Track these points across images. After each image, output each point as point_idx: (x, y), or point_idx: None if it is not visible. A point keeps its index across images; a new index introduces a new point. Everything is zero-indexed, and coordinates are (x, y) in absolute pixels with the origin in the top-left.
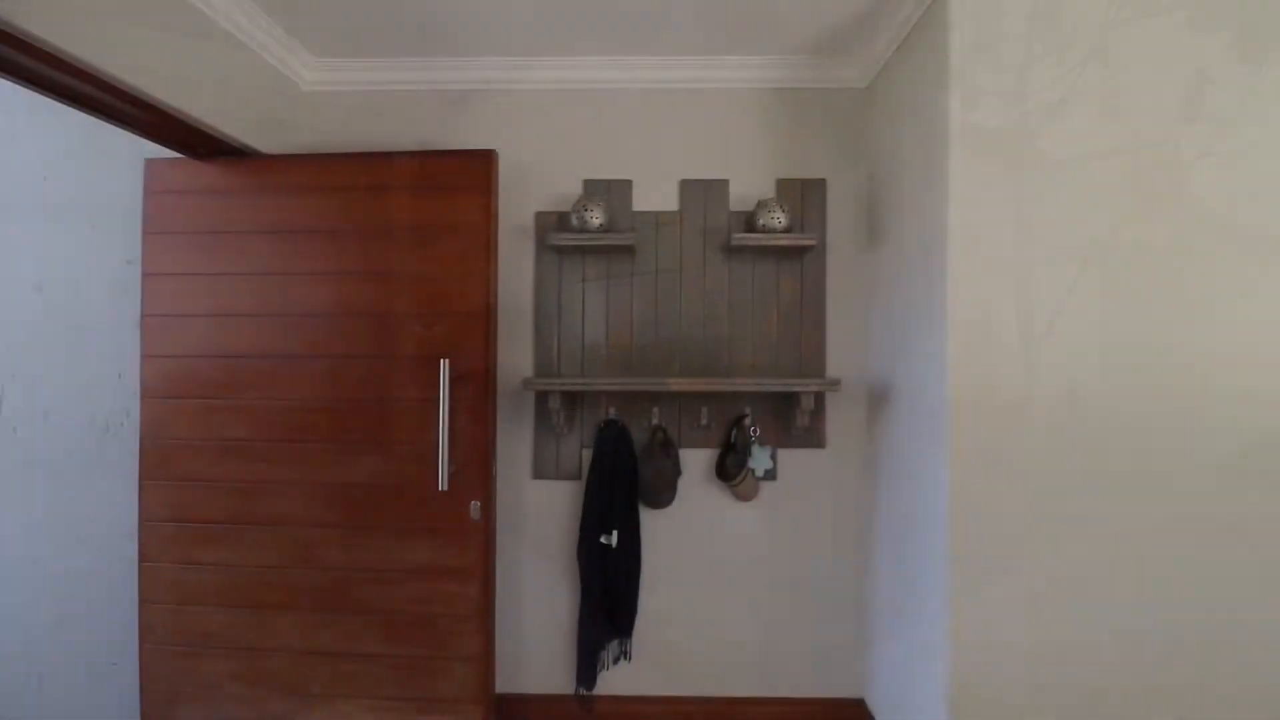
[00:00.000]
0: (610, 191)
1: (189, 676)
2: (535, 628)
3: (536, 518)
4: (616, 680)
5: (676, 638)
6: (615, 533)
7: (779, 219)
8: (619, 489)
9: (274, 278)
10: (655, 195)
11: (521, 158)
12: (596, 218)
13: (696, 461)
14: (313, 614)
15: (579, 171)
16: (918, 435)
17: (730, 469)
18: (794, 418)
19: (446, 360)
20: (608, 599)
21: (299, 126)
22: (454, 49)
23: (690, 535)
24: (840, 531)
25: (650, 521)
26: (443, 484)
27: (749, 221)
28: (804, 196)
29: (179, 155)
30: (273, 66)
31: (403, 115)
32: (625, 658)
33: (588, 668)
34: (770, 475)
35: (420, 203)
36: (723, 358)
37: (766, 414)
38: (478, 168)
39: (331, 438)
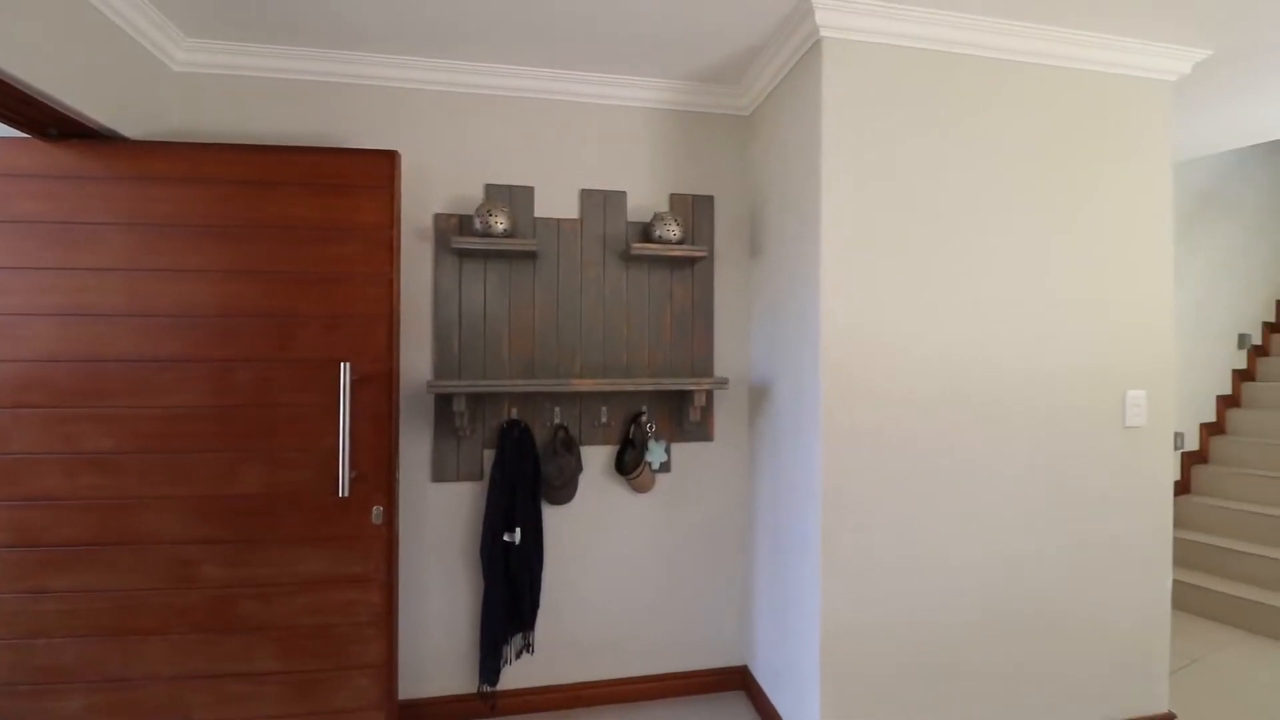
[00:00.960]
0: (512, 197)
1: (38, 717)
2: (436, 631)
3: (437, 520)
4: (519, 674)
5: (577, 626)
6: (519, 530)
7: (674, 231)
8: (522, 487)
9: (143, 275)
10: (556, 202)
11: (421, 158)
12: (501, 222)
13: (596, 457)
14: (191, 636)
15: (480, 175)
16: (795, 426)
17: (628, 463)
18: (687, 414)
19: (347, 364)
20: (511, 595)
21: (169, 111)
22: (349, 42)
23: (591, 527)
24: (726, 515)
25: (552, 517)
26: (343, 490)
27: (646, 232)
28: (695, 210)
29: (22, 135)
30: (136, 41)
31: (291, 106)
32: (528, 650)
33: (491, 664)
34: (665, 468)
35: (317, 201)
36: (621, 359)
37: (661, 411)
38: (380, 168)
39: (215, 447)
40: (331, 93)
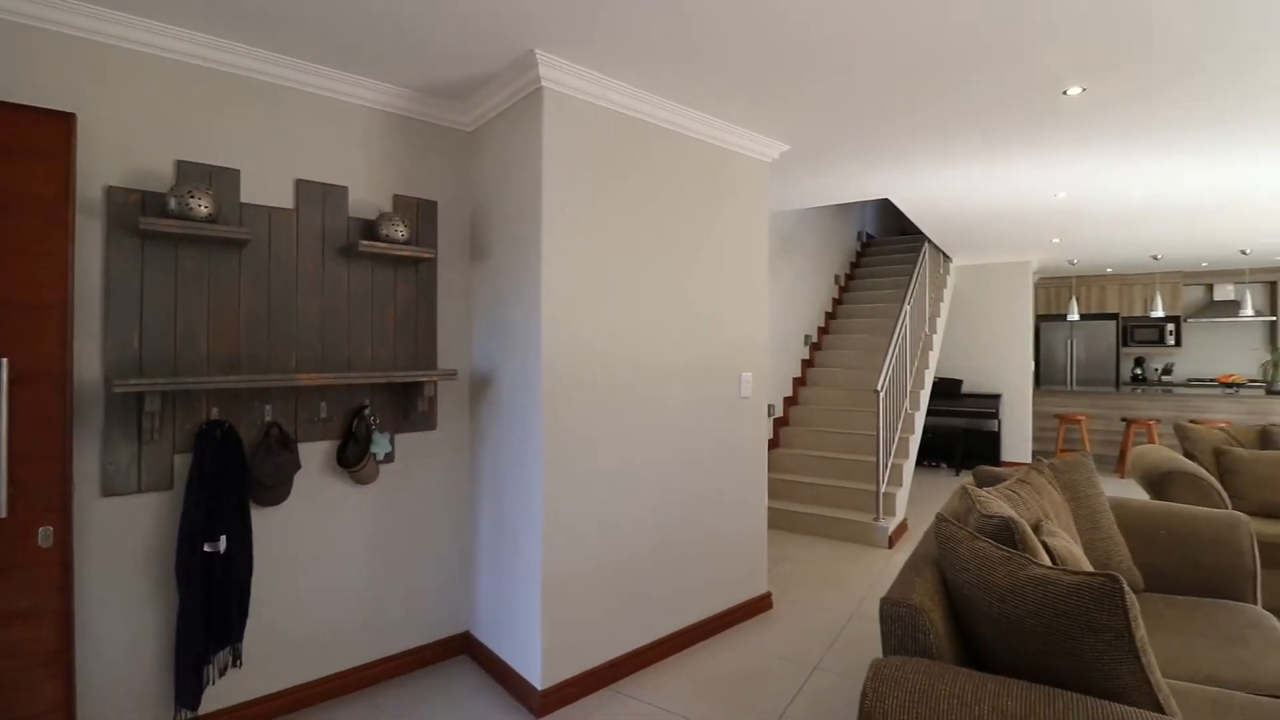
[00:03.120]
0: (214, 178)
1: None
2: (119, 663)
3: (116, 539)
4: (228, 690)
5: (295, 628)
6: (223, 538)
7: (401, 232)
8: (226, 492)
9: None
10: (268, 190)
11: (87, 118)
12: (204, 206)
13: (316, 454)
14: None
15: (171, 150)
16: (517, 406)
17: (351, 457)
18: (414, 405)
19: (4, 360)
20: (215, 608)
21: None
22: None
23: (310, 525)
24: (450, 495)
25: (264, 519)
26: (0, 510)
27: (371, 230)
28: (419, 213)
29: None
30: None
31: None
32: (236, 664)
33: (190, 687)
34: (389, 458)
35: None
36: (343, 353)
37: (385, 403)
38: (53, 131)
39: None
40: None
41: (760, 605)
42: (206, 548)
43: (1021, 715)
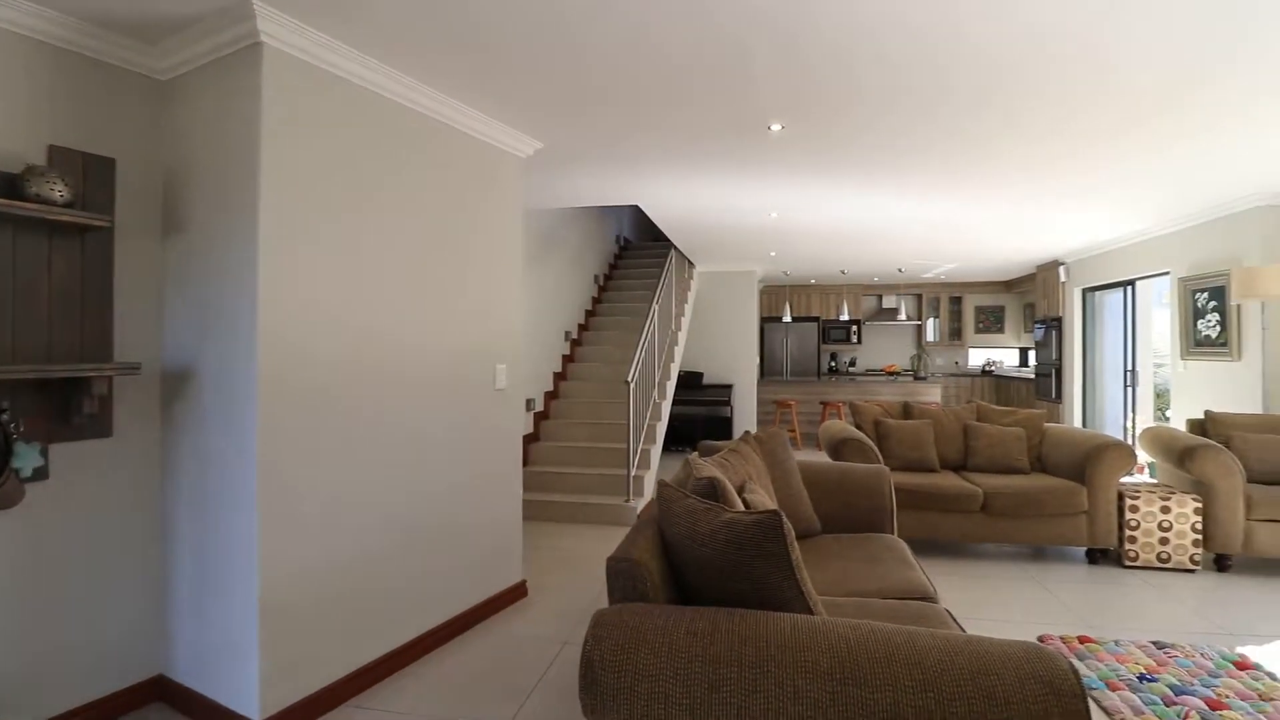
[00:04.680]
0: None
1: None
2: None
3: None
4: None
5: None
6: None
7: (60, 192)
8: None
9: None
10: None
11: None
12: None
13: None
14: None
15: None
16: (225, 404)
17: None
18: (77, 406)
19: None
20: None
21: None
22: None
23: None
24: (133, 519)
25: None
26: None
27: (13, 186)
28: (88, 171)
29: None
30: None
31: None
32: None
33: None
34: (41, 474)
35: None
36: None
37: (34, 404)
38: None
39: None
40: None
41: (516, 594)
42: None
43: (708, 632)
